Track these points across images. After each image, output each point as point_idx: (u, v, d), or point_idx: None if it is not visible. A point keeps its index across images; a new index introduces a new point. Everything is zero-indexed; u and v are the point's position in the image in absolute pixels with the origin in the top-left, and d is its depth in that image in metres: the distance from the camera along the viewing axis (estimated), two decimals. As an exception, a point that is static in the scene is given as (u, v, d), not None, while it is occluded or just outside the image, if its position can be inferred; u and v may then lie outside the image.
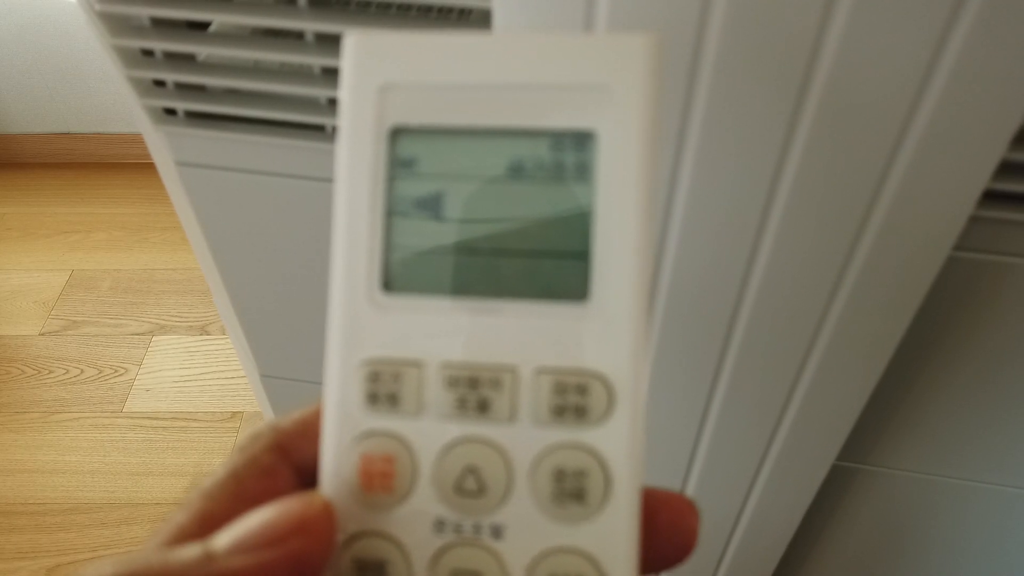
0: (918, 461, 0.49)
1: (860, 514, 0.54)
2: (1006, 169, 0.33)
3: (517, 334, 0.18)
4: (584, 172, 0.18)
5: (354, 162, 0.18)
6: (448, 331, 0.18)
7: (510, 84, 0.18)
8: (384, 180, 0.18)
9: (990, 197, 0.34)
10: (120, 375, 1.24)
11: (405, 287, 0.18)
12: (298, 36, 0.38)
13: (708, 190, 0.33)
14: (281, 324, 0.52)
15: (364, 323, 0.18)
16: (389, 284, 0.18)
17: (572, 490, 0.17)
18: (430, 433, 0.18)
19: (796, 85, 0.29)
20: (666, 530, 0.18)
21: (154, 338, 1.30)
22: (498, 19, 0.31)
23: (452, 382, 0.18)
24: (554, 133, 0.18)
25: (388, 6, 0.39)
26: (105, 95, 1.55)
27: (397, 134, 0.18)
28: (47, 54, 1.48)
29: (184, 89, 0.41)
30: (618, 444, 0.17)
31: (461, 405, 0.18)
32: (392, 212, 0.18)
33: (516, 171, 0.18)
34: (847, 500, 0.54)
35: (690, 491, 0.49)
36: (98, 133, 1.60)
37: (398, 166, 0.18)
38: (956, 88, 0.28)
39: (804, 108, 0.30)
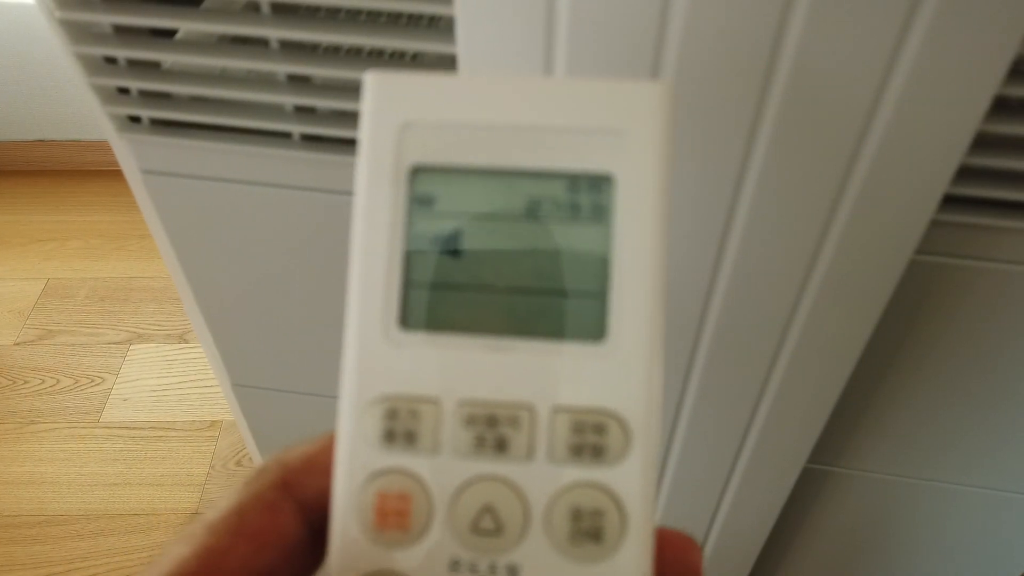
0: (887, 463, 0.50)
1: (832, 516, 0.55)
2: (965, 173, 0.33)
3: (535, 372, 0.18)
4: (601, 214, 0.18)
5: (373, 199, 0.18)
6: (466, 368, 0.18)
7: (528, 126, 0.18)
8: (403, 217, 0.18)
9: (950, 201, 0.34)
10: (97, 384, 1.23)
11: (423, 324, 0.18)
12: (264, 43, 0.38)
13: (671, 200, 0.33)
14: (252, 333, 0.51)
15: (381, 359, 0.18)
16: (406, 321, 0.18)
17: (588, 529, 0.17)
18: (447, 471, 0.18)
19: (756, 95, 0.29)
20: (671, 567, 0.18)
21: (131, 347, 1.28)
22: (461, 27, 0.31)
23: (470, 420, 0.18)
24: (572, 175, 0.18)
25: (357, 13, 0.39)
26: (81, 102, 1.53)
27: (417, 173, 0.18)
28: (22, 61, 1.47)
29: (148, 96, 0.40)
30: (634, 484, 0.17)
31: (479, 443, 0.18)
32: (410, 249, 0.18)
33: (533, 211, 0.18)
34: (819, 502, 0.54)
35: (662, 497, 0.49)
36: (74, 140, 1.59)
37: (417, 204, 0.18)
38: (914, 93, 0.28)
39: (764, 117, 0.30)
